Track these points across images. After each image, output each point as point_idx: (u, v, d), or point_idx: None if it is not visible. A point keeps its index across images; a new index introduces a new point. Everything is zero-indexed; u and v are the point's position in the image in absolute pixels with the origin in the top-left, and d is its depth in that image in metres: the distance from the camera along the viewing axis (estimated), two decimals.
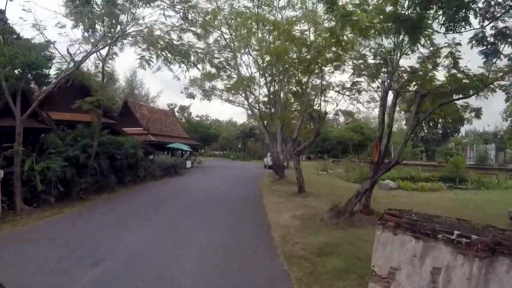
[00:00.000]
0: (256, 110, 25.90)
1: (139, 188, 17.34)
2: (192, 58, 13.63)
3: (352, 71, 14.61)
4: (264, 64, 17.74)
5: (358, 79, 14.48)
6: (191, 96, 25.45)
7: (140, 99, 53.36)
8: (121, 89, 54.64)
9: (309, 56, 13.60)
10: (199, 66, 14.66)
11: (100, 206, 12.14)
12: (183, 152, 36.39)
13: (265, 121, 25.68)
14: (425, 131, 62.04)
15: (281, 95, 22.50)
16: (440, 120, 63.17)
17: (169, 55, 14.01)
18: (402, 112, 22.07)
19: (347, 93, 15.98)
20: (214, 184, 19.71)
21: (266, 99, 28.30)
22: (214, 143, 77.37)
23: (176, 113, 59.69)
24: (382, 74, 12.31)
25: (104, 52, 14.44)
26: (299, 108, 23.03)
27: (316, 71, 14.83)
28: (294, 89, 18.15)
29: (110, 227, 8.91)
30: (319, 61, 13.24)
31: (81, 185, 12.76)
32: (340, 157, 61.17)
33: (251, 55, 20.97)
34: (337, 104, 16.26)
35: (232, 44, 20.93)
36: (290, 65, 15.11)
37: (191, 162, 36.80)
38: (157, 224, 9.44)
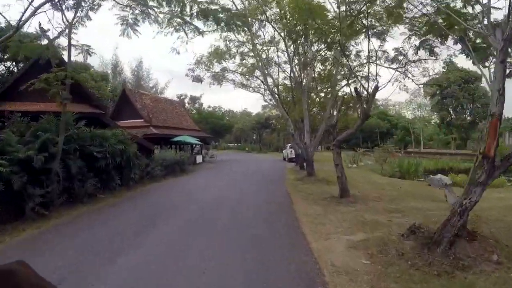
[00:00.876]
0: (276, 95, 21.76)
1: (129, 195, 13.57)
2: (190, 10, 9.53)
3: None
4: (289, 24, 13.45)
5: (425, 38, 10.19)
6: (198, 79, 21.47)
7: (148, 91, 49.92)
8: (127, 80, 51.12)
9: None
10: (202, 25, 10.51)
11: (60, 230, 8.32)
12: (194, 146, 32.65)
13: (288, 107, 21.57)
14: (452, 116, 56.81)
15: (308, 72, 18.29)
16: (468, 105, 57.83)
17: (157, 11, 10.04)
18: None
19: (401, 62, 11.69)
20: (227, 186, 15.78)
21: (287, 81, 24.20)
22: (227, 135, 73.59)
23: (187, 104, 56.03)
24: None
25: (70, 16, 10.61)
26: (329, 88, 18.85)
27: (363, 30, 10.65)
28: (330, 56, 13.91)
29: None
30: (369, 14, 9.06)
31: (35, 198, 8.96)
32: (362, 147, 56.43)
33: (268, 21, 16.70)
34: (390, 81, 11.84)
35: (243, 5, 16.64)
36: (326, 23, 10.86)
37: (202, 157, 33.02)
38: (131, 272, 5.53)
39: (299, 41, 15.02)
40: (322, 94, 23.20)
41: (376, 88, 10.57)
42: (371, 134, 57.41)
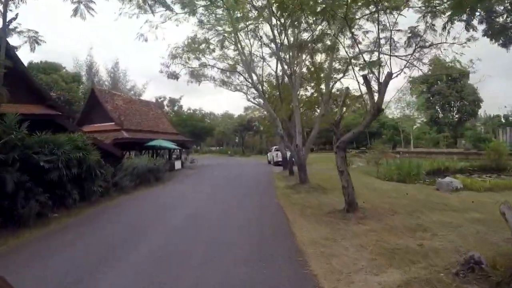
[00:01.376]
0: (261, 92, 19.59)
1: (89, 213, 11.09)
2: None
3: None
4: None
5: None
6: (173, 76, 19.04)
7: (126, 93, 47.10)
8: (102, 82, 48.03)
9: None
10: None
11: None
12: (172, 151, 30.12)
13: (274, 106, 19.48)
14: (440, 114, 56.19)
15: (299, 61, 16.25)
16: (455, 103, 57.38)
17: None
18: None
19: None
20: (207, 199, 13.48)
21: (273, 78, 22.12)
22: (208, 139, 71.01)
23: (166, 107, 53.17)
24: None
25: None
26: (323, 80, 16.81)
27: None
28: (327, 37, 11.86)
29: None
30: None
31: None
32: (351, 148, 55.03)
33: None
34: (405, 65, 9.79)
35: None
36: None
37: (182, 162, 30.51)
38: None
39: (291, 19, 12.81)
40: (311, 90, 21.26)
41: (390, 76, 8.58)
42: (358, 134, 55.90)
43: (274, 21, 14.80)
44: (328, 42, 12.81)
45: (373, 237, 7.16)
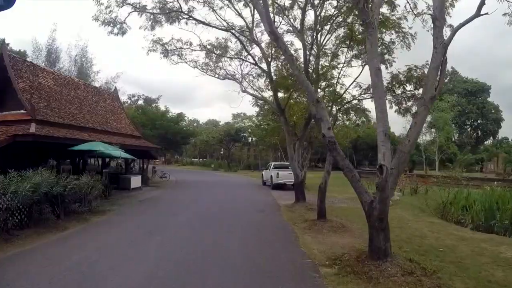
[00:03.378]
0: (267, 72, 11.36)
1: None
2: None
3: None
4: None
5: None
6: (114, 24, 10.45)
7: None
8: (63, 71, 38.62)
9: None
10: None
11: None
12: (130, 161, 21.31)
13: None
14: (456, 134, 48.87)
15: None
16: (473, 122, 50.34)
17: None
18: None
19: None
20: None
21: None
22: (190, 148, 61.74)
23: (128, 100, 43.28)
24: None
25: None
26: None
27: None
28: None
29: None
30: None
31: None
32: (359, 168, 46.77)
33: None
34: None
35: None
36: None
37: (145, 178, 21.70)
38: None
39: None
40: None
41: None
42: (356, 150, 48.07)
43: None
44: None
45: None
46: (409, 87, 11.83)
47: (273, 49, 13.72)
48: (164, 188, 21.73)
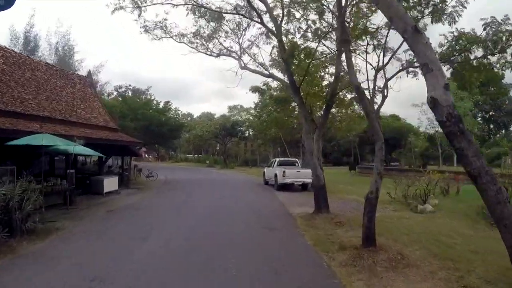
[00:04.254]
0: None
1: None
2: None
3: None
4: None
5: None
6: None
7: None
8: (43, 58, 34.57)
9: None
10: None
11: None
12: (104, 160, 17.71)
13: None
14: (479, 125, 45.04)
15: None
16: (487, 113, 46.92)
17: None
18: None
19: None
20: None
21: None
22: (179, 142, 57.78)
23: (102, 86, 38.61)
24: None
25: None
26: None
27: None
28: None
29: None
30: None
31: None
32: (362, 164, 43.46)
33: None
34: None
35: None
36: None
37: (123, 179, 18.15)
38: None
39: None
40: None
41: None
42: (362, 143, 44.62)
43: None
44: None
45: None
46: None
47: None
48: (147, 190, 18.11)
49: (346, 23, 8.30)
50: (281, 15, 9.78)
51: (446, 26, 8.30)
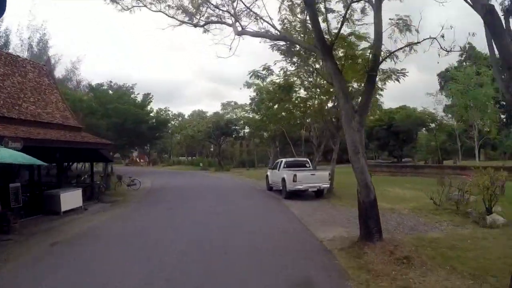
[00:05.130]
0: None
1: None
2: None
3: None
4: None
5: None
6: None
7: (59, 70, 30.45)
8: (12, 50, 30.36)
9: None
10: None
11: None
12: (68, 166, 14.01)
13: None
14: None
15: None
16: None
17: None
18: None
19: None
20: None
21: None
22: (162, 143, 53.61)
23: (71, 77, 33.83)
24: None
25: None
26: None
27: None
28: None
29: None
30: None
31: None
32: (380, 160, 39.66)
33: None
34: None
35: None
36: None
37: (95, 189, 14.46)
38: None
39: None
40: None
41: None
42: (371, 138, 40.84)
43: None
44: None
45: None
46: None
47: None
48: (123, 205, 14.35)
49: None
50: None
51: None
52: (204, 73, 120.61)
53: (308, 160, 17.04)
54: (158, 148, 71.07)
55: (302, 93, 17.37)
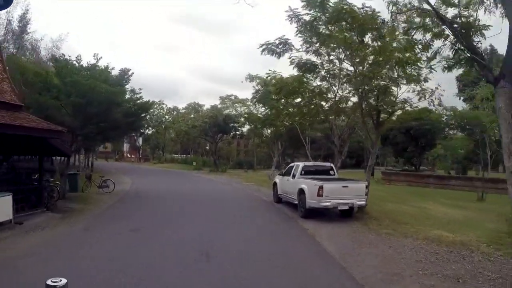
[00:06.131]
0: None
1: None
2: None
3: None
4: None
5: None
6: None
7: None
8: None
9: None
10: None
11: None
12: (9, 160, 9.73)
13: None
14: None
15: None
16: None
17: None
18: None
19: None
20: None
21: None
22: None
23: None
24: None
25: None
26: None
27: None
28: None
29: None
30: None
31: None
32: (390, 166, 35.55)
33: None
34: None
35: None
36: None
37: (44, 193, 10.27)
38: None
39: None
40: None
41: None
42: (383, 140, 36.69)
43: None
44: None
45: None
46: None
47: None
48: (76, 219, 10.09)
49: None
50: None
51: None
52: (203, 72, 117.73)
53: (333, 166, 12.91)
54: (152, 144, 66.71)
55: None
